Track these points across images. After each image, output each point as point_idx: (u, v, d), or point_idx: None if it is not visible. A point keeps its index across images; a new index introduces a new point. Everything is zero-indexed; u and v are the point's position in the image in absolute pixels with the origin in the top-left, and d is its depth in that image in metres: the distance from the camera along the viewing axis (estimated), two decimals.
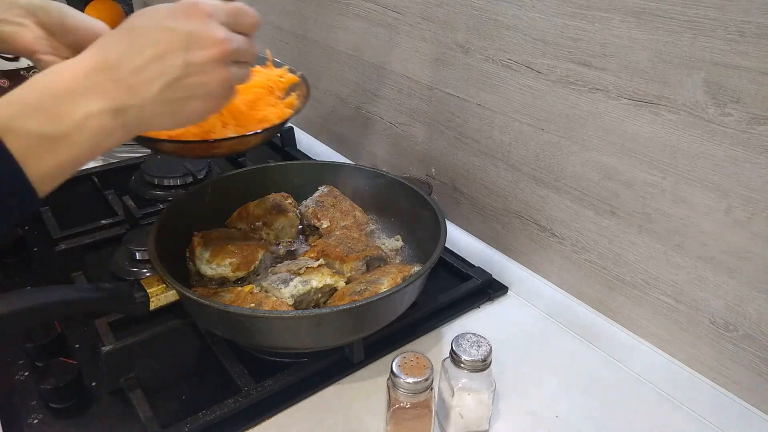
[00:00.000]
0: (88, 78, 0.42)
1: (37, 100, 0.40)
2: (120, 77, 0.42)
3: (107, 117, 0.42)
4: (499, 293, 0.79)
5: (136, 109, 0.43)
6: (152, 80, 0.43)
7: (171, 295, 0.61)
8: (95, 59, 0.43)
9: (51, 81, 0.42)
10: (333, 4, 1.00)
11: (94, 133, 0.42)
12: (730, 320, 0.58)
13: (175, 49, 0.43)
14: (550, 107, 0.69)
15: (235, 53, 0.46)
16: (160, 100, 0.44)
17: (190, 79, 0.44)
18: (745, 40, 0.50)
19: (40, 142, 0.40)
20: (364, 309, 0.60)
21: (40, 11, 0.64)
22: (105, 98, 0.42)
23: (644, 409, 0.63)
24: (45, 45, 0.65)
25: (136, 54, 0.43)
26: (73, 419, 0.60)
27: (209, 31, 0.45)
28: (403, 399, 0.52)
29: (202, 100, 0.46)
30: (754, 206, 0.53)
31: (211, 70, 0.45)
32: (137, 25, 0.45)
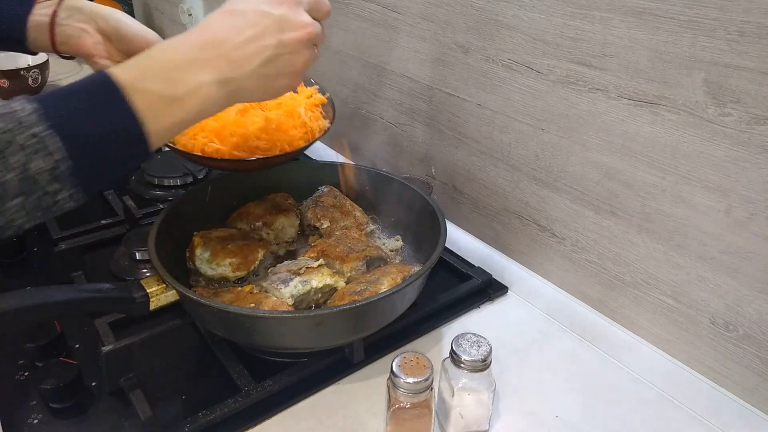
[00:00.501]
0: (200, 51, 0.48)
1: (159, 67, 0.47)
2: (225, 52, 0.48)
3: (214, 86, 0.48)
4: (499, 293, 0.79)
5: (237, 81, 0.49)
6: (252, 56, 0.49)
7: (171, 295, 0.61)
8: (204, 35, 0.49)
9: (169, 52, 0.48)
10: (333, 4, 0.99)
11: (203, 99, 0.48)
12: (730, 320, 0.58)
13: (271, 30, 0.50)
14: (550, 107, 0.69)
15: (317, 37, 0.53)
16: (257, 74, 0.50)
17: (282, 58, 0.51)
18: (745, 40, 0.50)
19: (160, 102, 0.46)
20: (364, 309, 0.60)
21: (100, 18, 0.70)
22: (213, 70, 0.48)
23: (644, 409, 0.63)
24: (102, 50, 0.71)
25: (238, 33, 0.49)
26: (73, 419, 0.60)
27: (298, 16, 0.51)
28: (403, 399, 0.52)
29: (288, 77, 0.53)
30: (754, 206, 0.53)
31: (299, 50, 0.52)
32: (238, 8, 0.50)
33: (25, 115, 0.41)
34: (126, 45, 0.70)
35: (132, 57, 0.49)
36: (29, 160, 0.40)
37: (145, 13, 1.90)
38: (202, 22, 0.51)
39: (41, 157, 0.41)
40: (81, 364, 0.62)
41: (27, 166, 0.40)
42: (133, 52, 0.70)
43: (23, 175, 0.40)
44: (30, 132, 0.40)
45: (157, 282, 0.61)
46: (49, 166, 0.41)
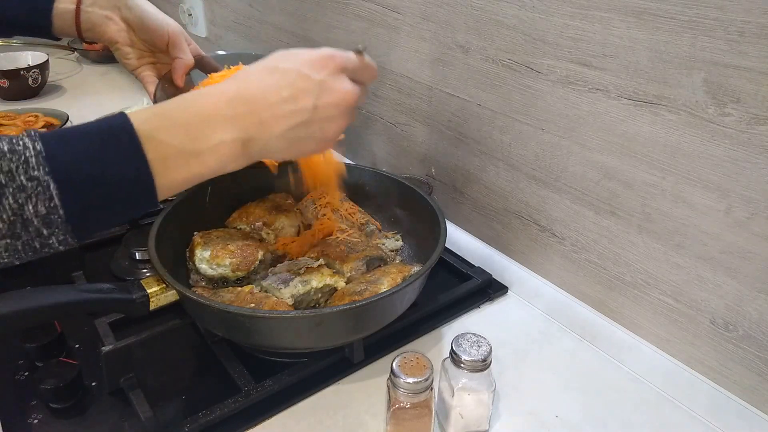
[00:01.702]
0: (230, 107, 0.46)
1: (183, 119, 0.45)
2: (256, 111, 0.47)
3: (237, 145, 0.46)
4: (499, 293, 0.79)
5: (262, 141, 0.48)
6: (283, 118, 0.48)
7: (171, 295, 0.61)
8: (238, 90, 0.47)
9: (197, 104, 0.46)
10: (333, 4, 1.00)
11: (223, 156, 0.46)
12: (730, 320, 0.58)
13: (309, 94, 0.48)
14: (550, 107, 0.69)
15: (356, 103, 0.52)
16: (285, 137, 0.48)
17: (314, 123, 0.49)
18: (745, 40, 0.50)
19: (176, 156, 0.44)
20: (364, 309, 0.59)
21: (124, 6, 0.72)
22: (239, 128, 0.46)
23: (644, 409, 0.63)
24: (125, 37, 0.73)
25: (274, 92, 0.47)
26: (73, 419, 0.60)
27: (339, 82, 0.50)
28: (403, 399, 0.52)
29: (317, 142, 0.51)
30: (754, 206, 0.53)
31: (333, 117, 0.50)
32: (279, 66, 0.49)
33: (29, 156, 0.39)
34: (149, 34, 0.72)
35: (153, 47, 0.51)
36: (25, 203, 0.39)
37: None
38: (240, 73, 0.49)
39: (38, 201, 0.40)
40: (81, 364, 0.62)
41: (22, 209, 0.39)
42: (154, 42, 0.74)
43: (16, 217, 0.39)
44: (30, 174, 0.39)
45: (157, 282, 0.60)
46: (43, 212, 0.40)
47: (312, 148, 0.52)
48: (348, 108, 0.51)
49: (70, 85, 1.53)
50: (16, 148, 0.39)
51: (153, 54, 0.77)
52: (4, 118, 1.27)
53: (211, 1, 1.44)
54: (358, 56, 0.53)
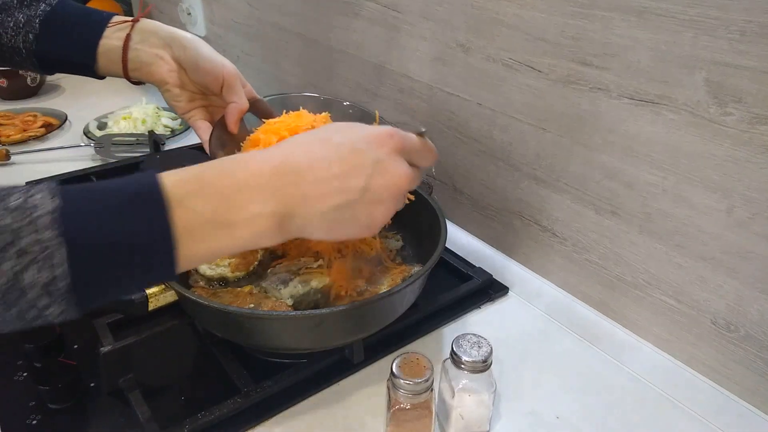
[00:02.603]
0: (272, 177, 0.42)
1: (219, 185, 0.40)
2: (300, 183, 0.42)
3: (273, 219, 0.42)
4: (500, 293, 0.79)
5: (301, 219, 0.43)
6: (329, 195, 0.43)
7: (170, 295, 0.61)
8: (283, 158, 0.43)
9: (237, 169, 0.41)
10: (333, 4, 0.99)
11: (257, 230, 0.41)
12: (731, 320, 0.58)
13: (360, 172, 0.44)
14: (551, 107, 0.68)
15: (409, 188, 0.47)
16: (326, 217, 0.43)
17: (360, 206, 0.44)
18: (746, 39, 0.50)
19: (205, 225, 0.39)
20: (364, 309, 0.59)
21: (177, 45, 0.66)
22: (279, 201, 0.41)
23: (644, 409, 0.63)
24: (176, 78, 0.68)
25: (324, 167, 0.43)
26: (72, 419, 0.59)
27: (396, 164, 0.46)
28: (404, 400, 0.52)
29: (361, 227, 0.46)
30: (755, 206, 0.53)
31: (384, 201, 0.45)
32: (333, 138, 0.45)
33: (39, 215, 0.35)
34: (202, 77, 0.67)
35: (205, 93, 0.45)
36: (25, 268, 0.34)
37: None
38: (288, 140, 0.45)
39: (40, 267, 0.34)
40: (80, 365, 0.62)
41: (20, 276, 0.34)
42: (208, 84, 0.68)
43: (11, 284, 0.34)
44: (37, 237, 0.34)
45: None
46: (44, 280, 0.34)
47: (354, 232, 0.46)
48: (400, 192, 0.46)
49: (69, 85, 1.53)
50: (31, 203, 0.35)
51: (205, 96, 0.71)
52: (3, 117, 1.27)
53: (210, 1, 1.44)
54: (419, 138, 0.49)
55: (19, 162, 1.12)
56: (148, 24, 0.67)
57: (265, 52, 1.28)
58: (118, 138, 1.16)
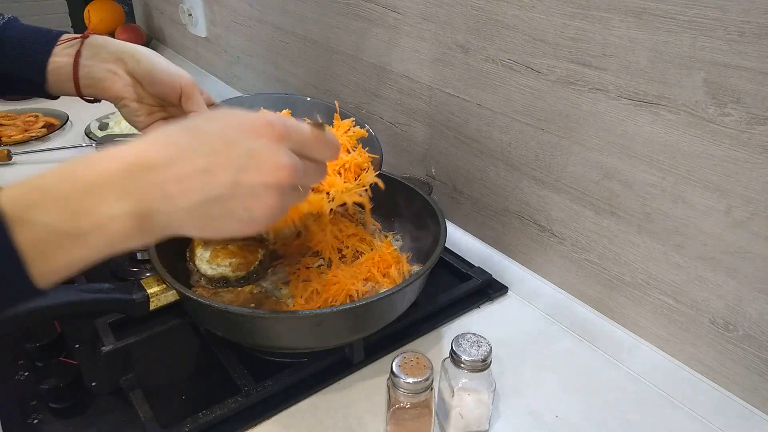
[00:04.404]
0: (125, 176, 0.37)
1: (62, 190, 0.36)
2: (160, 181, 0.38)
3: (130, 220, 0.38)
4: (500, 293, 0.79)
5: (163, 215, 0.39)
6: (192, 192, 0.39)
7: (171, 295, 0.61)
8: (141, 155, 0.38)
9: (83, 171, 0.37)
10: (333, 4, 1.00)
11: (113, 236, 0.38)
12: (730, 320, 0.58)
13: (228, 165, 0.39)
14: (550, 107, 0.69)
15: (295, 183, 0.42)
16: (194, 213, 0.39)
17: (232, 201, 0.40)
18: (745, 40, 0.50)
19: (53, 237, 0.36)
20: (364, 309, 0.60)
21: (130, 59, 0.64)
22: (135, 200, 0.37)
23: (644, 409, 0.63)
24: (132, 92, 0.65)
25: (186, 160, 0.39)
26: (73, 419, 0.60)
27: (273, 155, 0.41)
28: (403, 399, 0.52)
29: (240, 222, 0.41)
30: (754, 206, 0.53)
31: (260, 195, 0.40)
32: (201, 127, 0.41)
33: None
34: (159, 88, 0.64)
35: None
36: None
37: (145, 13, 1.90)
38: (152, 133, 0.40)
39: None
40: (81, 364, 0.62)
41: None
42: (166, 96, 0.65)
43: None
44: None
45: (157, 282, 0.61)
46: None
47: (233, 228, 0.42)
48: (281, 187, 0.41)
49: None
50: None
51: (164, 108, 0.69)
52: (5, 118, 1.27)
53: (211, 1, 1.44)
54: (314, 129, 0.44)
55: (20, 162, 1.12)
56: (98, 39, 0.65)
57: (265, 53, 1.28)
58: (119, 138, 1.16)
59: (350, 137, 0.70)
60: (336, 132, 0.70)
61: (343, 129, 0.70)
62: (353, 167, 0.67)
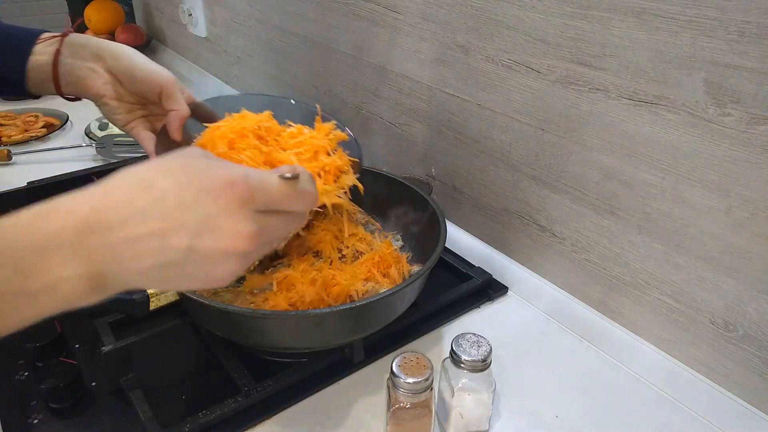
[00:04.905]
0: (76, 235, 0.35)
1: (12, 249, 0.35)
2: (112, 242, 0.36)
3: (83, 281, 0.36)
4: (500, 293, 0.79)
5: (117, 276, 0.37)
6: (144, 255, 0.36)
7: (171, 295, 0.61)
8: (91, 212, 0.36)
9: (34, 229, 0.35)
10: (333, 4, 1.00)
11: (64, 296, 0.36)
12: (730, 320, 0.58)
13: (184, 231, 0.37)
14: (550, 107, 0.69)
15: (258, 246, 0.39)
16: (150, 275, 0.38)
17: (188, 266, 0.38)
18: (745, 40, 0.50)
19: (3, 297, 0.34)
20: (364, 309, 0.60)
21: (110, 57, 0.63)
22: (86, 261, 0.36)
23: (644, 409, 0.63)
24: (112, 90, 0.65)
25: (139, 222, 0.36)
26: (73, 419, 0.60)
27: (231, 223, 0.37)
28: (403, 399, 0.52)
29: (201, 283, 0.39)
30: (754, 206, 0.53)
31: (217, 262, 0.38)
32: (158, 185, 0.37)
33: None
34: (139, 87, 0.64)
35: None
36: None
37: (145, 13, 1.90)
38: (106, 182, 0.38)
39: None
40: (81, 364, 0.62)
41: None
42: (145, 94, 0.65)
43: None
44: None
45: None
46: None
47: (194, 286, 0.40)
48: (237, 253, 0.38)
49: None
50: None
51: (144, 106, 0.69)
52: (5, 118, 1.27)
53: (211, 1, 1.44)
54: (282, 185, 0.40)
55: (20, 162, 1.12)
56: (78, 38, 0.65)
57: (265, 53, 1.28)
58: (119, 138, 1.17)
59: (331, 140, 0.70)
60: (317, 135, 0.70)
61: (323, 132, 0.70)
62: (333, 170, 0.67)
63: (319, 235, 0.73)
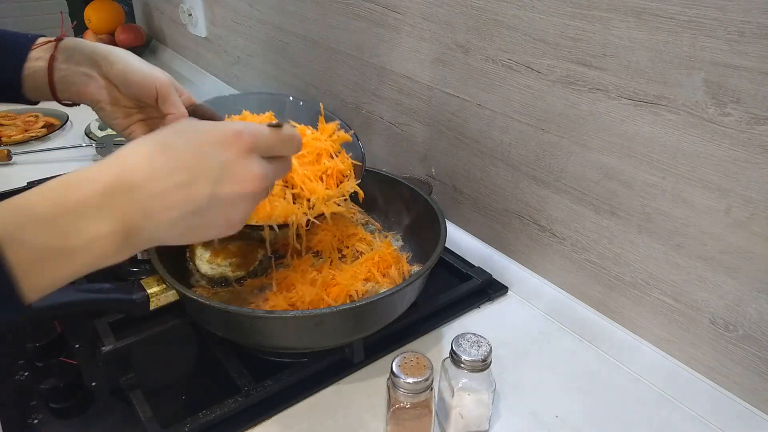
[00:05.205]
0: (107, 196, 0.38)
1: (49, 211, 0.37)
2: (140, 198, 0.39)
3: (116, 238, 0.39)
4: (499, 293, 0.79)
5: (147, 231, 0.40)
6: (173, 207, 0.40)
7: (171, 295, 0.61)
8: (119, 174, 0.39)
9: (67, 191, 0.38)
10: (333, 4, 1.00)
11: (101, 252, 0.39)
12: (730, 320, 0.58)
13: (206, 178, 0.41)
14: (550, 107, 0.69)
15: (267, 187, 0.45)
16: (176, 226, 0.41)
17: (212, 212, 0.42)
18: (745, 40, 0.50)
19: (42, 255, 0.37)
20: (364, 309, 0.60)
21: (104, 61, 0.63)
22: (118, 220, 0.39)
23: (644, 409, 0.63)
24: (106, 94, 0.64)
25: (163, 177, 0.40)
26: (73, 419, 0.60)
27: (245, 166, 0.43)
28: (403, 399, 0.52)
29: (219, 228, 0.44)
30: (754, 206, 0.53)
31: (237, 204, 0.43)
32: (173, 143, 0.41)
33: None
34: (134, 90, 0.64)
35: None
36: None
37: (145, 13, 1.90)
38: (125, 149, 0.41)
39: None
40: (81, 364, 0.62)
41: None
42: (142, 97, 0.64)
43: None
44: None
45: (157, 282, 0.61)
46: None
47: (213, 233, 0.44)
48: (254, 193, 0.44)
49: None
50: None
51: (142, 110, 0.67)
52: (5, 118, 1.27)
53: (211, 1, 1.44)
54: (273, 131, 0.45)
55: (20, 162, 1.12)
56: (72, 42, 0.64)
57: (265, 53, 1.28)
58: (119, 139, 1.16)
59: (334, 141, 0.69)
60: (320, 135, 0.69)
61: (327, 133, 0.69)
62: (335, 174, 0.66)
63: (319, 235, 0.73)
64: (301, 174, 0.64)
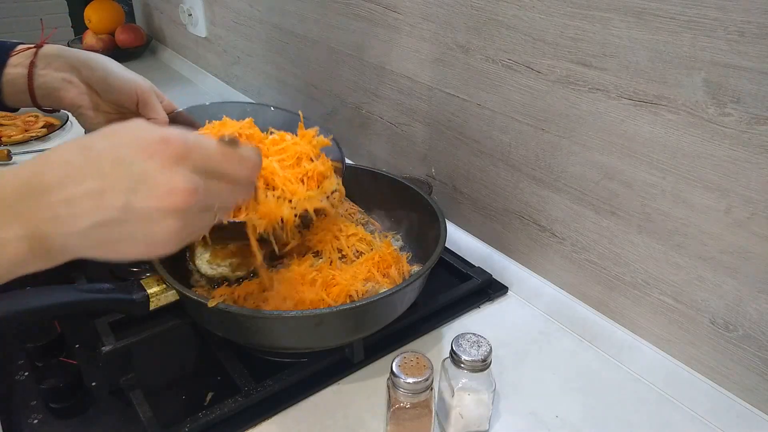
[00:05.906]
0: (15, 199, 0.36)
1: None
2: (50, 203, 0.36)
3: (24, 244, 0.37)
4: (499, 293, 0.79)
5: (57, 238, 0.37)
6: (82, 215, 0.37)
7: (171, 295, 0.61)
8: (30, 176, 0.37)
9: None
10: (333, 4, 1.00)
11: (7, 260, 0.37)
12: (730, 320, 0.58)
13: (119, 188, 0.37)
14: (550, 107, 0.69)
15: (197, 205, 0.39)
16: (87, 236, 0.37)
17: (128, 225, 0.37)
18: (745, 40, 0.50)
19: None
20: (364, 309, 0.60)
21: (84, 67, 0.63)
22: (26, 224, 0.36)
23: (644, 409, 0.63)
24: (88, 100, 0.65)
25: (76, 182, 0.37)
26: (73, 419, 0.60)
27: (167, 176, 0.37)
28: (403, 399, 0.52)
29: (142, 245, 0.39)
30: (754, 206, 0.53)
31: (156, 220, 0.38)
32: (95, 145, 0.38)
33: None
34: (115, 95, 0.64)
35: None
36: None
37: (145, 13, 1.90)
38: (54, 148, 0.39)
39: None
40: (81, 364, 0.62)
41: None
42: (122, 103, 0.65)
43: None
44: None
45: (157, 282, 0.61)
46: None
47: (138, 251, 0.39)
48: (179, 211, 0.38)
49: None
50: None
51: (122, 116, 0.67)
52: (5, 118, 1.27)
53: (211, 1, 1.44)
54: (220, 146, 0.41)
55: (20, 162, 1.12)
56: (52, 48, 0.64)
57: (265, 53, 1.28)
58: None
59: (314, 146, 0.71)
60: (299, 141, 0.70)
61: (306, 139, 0.70)
62: (316, 176, 0.67)
63: (319, 235, 0.73)
64: (282, 176, 0.64)
